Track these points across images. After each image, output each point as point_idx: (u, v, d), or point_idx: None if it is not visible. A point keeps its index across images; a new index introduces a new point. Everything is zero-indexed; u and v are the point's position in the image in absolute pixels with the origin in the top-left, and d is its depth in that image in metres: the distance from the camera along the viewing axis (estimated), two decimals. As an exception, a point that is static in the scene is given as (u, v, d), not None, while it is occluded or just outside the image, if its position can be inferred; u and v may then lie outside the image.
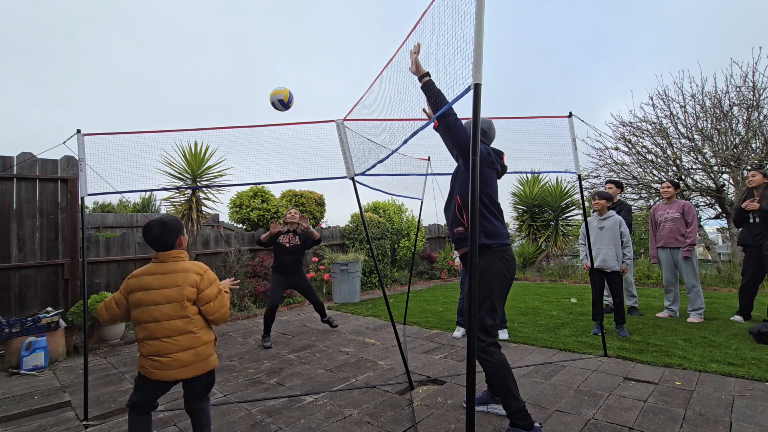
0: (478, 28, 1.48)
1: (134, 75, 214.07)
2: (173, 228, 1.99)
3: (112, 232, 8.38)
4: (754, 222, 4.39)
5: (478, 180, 1.46)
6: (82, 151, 3.12)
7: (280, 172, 3.50)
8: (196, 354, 1.90)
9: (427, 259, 9.90)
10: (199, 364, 1.92)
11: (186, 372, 1.89)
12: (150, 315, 1.88)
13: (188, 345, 1.89)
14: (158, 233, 1.96)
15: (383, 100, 2.77)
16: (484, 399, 2.66)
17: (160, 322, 1.87)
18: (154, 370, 1.87)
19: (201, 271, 1.97)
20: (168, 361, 1.86)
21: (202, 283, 1.94)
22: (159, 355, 1.86)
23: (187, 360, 1.88)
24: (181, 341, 1.87)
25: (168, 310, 1.87)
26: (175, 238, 2.00)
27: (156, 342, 1.87)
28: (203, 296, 1.94)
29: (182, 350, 1.88)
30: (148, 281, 1.92)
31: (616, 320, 4.24)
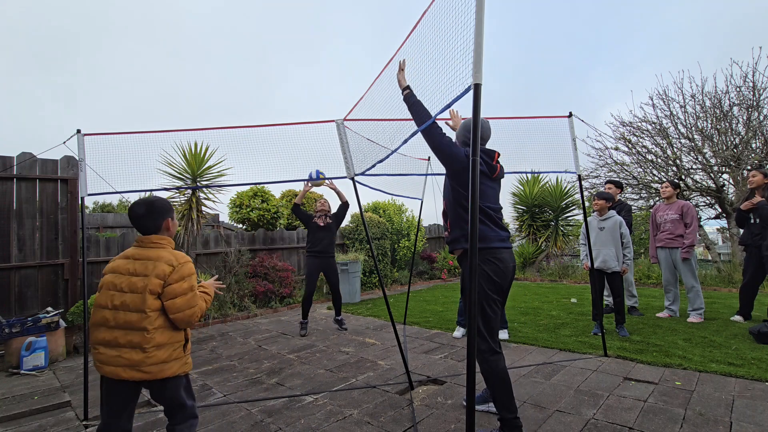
0: (478, 28, 1.48)
1: (141, 76, 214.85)
2: (159, 209, 1.82)
3: (112, 232, 8.38)
4: (755, 222, 4.39)
5: (478, 180, 1.46)
6: (82, 151, 3.13)
7: (280, 172, 3.50)
8: (144, 356, 1.66)
9: (427, 259, 9.90)
10: (148, 368, 1.66)
11: (132, 373, 1.65)
12: (109, 299, 1.70)
13: (138, 343, 1.65)
14: (142, 212, 1.79)
15: (383, 99, 2.77)
16: (484, 397, 2.65)
17: (117, 310, 1.68)
18: (100, 364, 1.69)
19: (175, 263, 1.75)
20: (113, 356, 1.66)
21: (171, 275, 1.72)
22: (106, 346, 1.67)
23: (132, 359, 1.65)
24: (131, 337, 1.66)
25: (127, 300, 1.68)
26: (159, 221, 1.82)
27: (106, 331, 1.68)
28: (168, 290, 1.71)
29: (130, 347, 1.66)
30: (119, 264, 1.76)
31: (616, 320, 4.24)
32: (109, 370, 1.67)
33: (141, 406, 3.01)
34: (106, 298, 1.71)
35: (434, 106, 2.08)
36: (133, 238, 5.73)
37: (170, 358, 1.72)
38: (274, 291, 6.66)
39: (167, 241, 1.84)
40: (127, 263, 1.75)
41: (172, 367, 1.73)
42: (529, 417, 2.52)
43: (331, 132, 3.32)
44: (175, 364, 1.75)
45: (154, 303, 1.70)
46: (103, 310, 1.71)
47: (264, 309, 6.43)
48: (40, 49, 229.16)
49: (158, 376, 1.69)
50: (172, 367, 1.73)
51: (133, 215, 1.81)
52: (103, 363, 1.68)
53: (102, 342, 1.69)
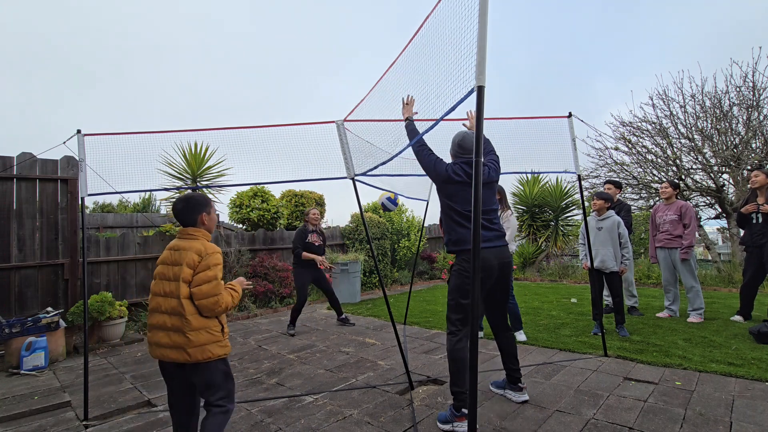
0: (481, 30, 1.48)
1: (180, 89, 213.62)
2: (194, 204, 2.01)
3: (112, 232, 8.37)
4: (756, 222, 4.39)
5: (481, 179, 1.45)
6: (82, 151, 3.12)
7: (280, 172, 3.50)
8: (186, 339, 1.81)
9: (427, 259, 9.90)
10: (190, 350, 1.81)
11: (176, 354, 1.82)
12: (160, 287, 1.91)
13: (179, 327, 1.82)
14: (180, 207, 2.01)
15: (385, 102, 2.77)
16: (501, 384, 2.88)
17: (166, 296, 1.88)
18: (154, 346, 1.88)
19: (203, 252, 1.90)
20: (162, 337, 1.84)
21: (200, 264, 1.88)
22: (158, 329, 1.86)
23: (177, 342, 1.82)
24: (174, 321, 1.84)
25: (172, 287, 1.86)
26: (195, 214, 2.00)
27: (159, 315, 1.88)
28: (196, 278, 1.86)
29: (174, 330, 1.83)
30: (165, 255, 1.97)
31: (616, 320, 4.24)
32: (159, 353, 1.86)
33: (141, 406, 3.01)
34: (158, 286, 1.91)
35: (438, 109, 2.07)
36: (133, 239, 5.74)
37: (209, 341, 1.87)
38: (274, 291, 6.66)
39: (202, 233, 2.00)
40: (170, 254, 1.95)
41: (213, 349, 1.87)
42: (529, 417, 2.52)
43: (332, 132, 3.32)
44: (214, 347, 1.88)
45: (186, 290, 1.86)
46: (156, 297, 1.91)
47: (264, 309, 6.43)
48: (40, 48, 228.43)
49: (199, 357, 1.83)
50: (212, 349, 1.87)
51: (174, 210, 2.03)
52: (155, 345, 1.87)
53: (155, 325, 1.88)
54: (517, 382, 2.76)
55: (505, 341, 2.76)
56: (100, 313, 4.59)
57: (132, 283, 5.67)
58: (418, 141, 2.54)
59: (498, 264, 2.52)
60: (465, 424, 2.37)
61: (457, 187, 2.53)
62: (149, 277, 5.85)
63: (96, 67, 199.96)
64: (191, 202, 2.01)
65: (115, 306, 4.76)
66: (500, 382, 2.91)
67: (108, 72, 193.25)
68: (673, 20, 48.46)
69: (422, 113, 2.56)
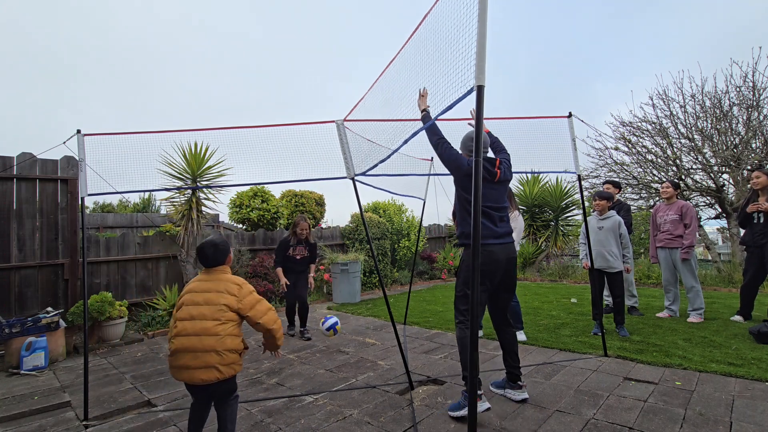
0: (481, 30, 1.48)
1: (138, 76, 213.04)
2: (223, 248, 2.23)
3: (112, 233, 8.37)
4: (758, 222, 4.39)
5: (480, 178, 1.46)
6: (82, 151, 3.12)
7: (280, 172, 3.49)
8: (219, 358, 1.95)
9: (427, 259, 9.90)
10: (223, 368, 1.97)
11: (209, 374, 1.93)
12: (187, 312, 2.00)
13: (212, 346, 1.94)
14: (211, 253, 2.18)
15: (384, 100, 2.77)
16: (501, 384, 2.88)
17: (194, 320, 1.98)
18: (179, 369, 1.95)
19: (239, 281, 2.15)
20: (190, 359, 1.92)
21: (241, 291, 2.10)
22: (185, 352, 1.93)
23: (209, 361, 1.93)
24: (207, 342, 1.94)
25: (204, 311, 2.00)
26: (225, 257, 2.23)
27: (184, 339, 1.95)
28: (246, 303, 2.08)
29: (205, 351, 1.93)
30: (193, 286, 2.12)
31: (616, 320, 4.24)
32: (187, 375, 1.94)
33: (141, 406, 3.01)
34: (184, 312, 2.02)
35: (438, 108, 2.07)
36: (133, 239, 5.74)
37: (235, 361, 2.05)
38: (274, 291, 6.66)
39: (228, 270, 2.26)
40: (201, 284, 2.12)
41: (235, 368, 2.06)
42: (529, 417, 2.52)
43: (332, 132, 3.32)
44: (237, 366, 2.08)
45: (228, 315, 2.03)
46: (183, 322, 2.00)
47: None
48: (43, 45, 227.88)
49: (226, 375, 1.99)
50: (235, 368, 2.06)
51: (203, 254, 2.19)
52: (183, 368, 1.95)
53: (181, 349, 1.95)
54: (516, 381, 2.78)
55: (507, 337, 2.81)
56: (100, 313, 4.59)
57: (132, 283, 5.67)
58: (436, 135, 2.58)
59: (505, 259, 2.62)
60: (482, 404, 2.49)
61: None
62: (149, 277, 5.85)
63: (96, 66, 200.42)
64: (220, 247, 2.21)
65: (115, 306, 4.76)
66: (500, 381, 2.92)
67: (108, 72, 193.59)
68: (673, 23, 48.51)
69: (422, 113, 2.55)
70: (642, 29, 48.10)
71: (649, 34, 33.74)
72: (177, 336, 1.98)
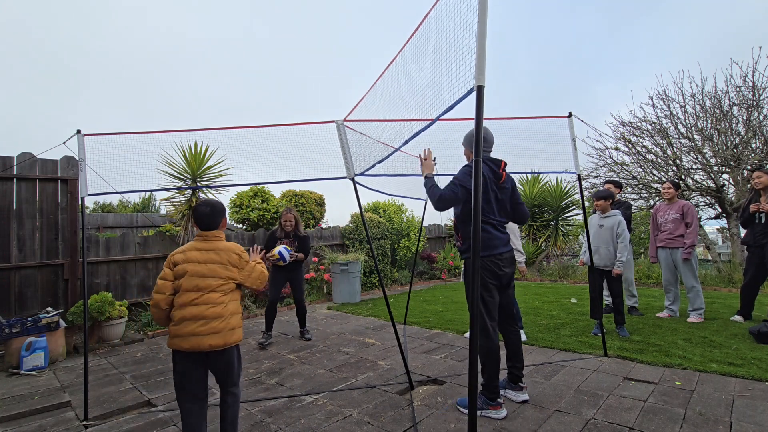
0: (481, 30, 1.48)
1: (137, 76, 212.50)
2: (220, 209, 2.27)
3: (112, 233, 8.37)
4: (759, 222, 4.38)
5: (480, 178, 1.46)
6: (82, 151, 3.12)
7: (280, 172, 3.50)
8: (225, 323, 2.07)
9: (427, 259, 9.90)
10: (226, 333, 2.06)
11: (215, 339, 2.02)
12: (194, 284, 2.08)
13: (219, 314, 2.06)
14: (208, 212, 2.21)
15: (385, 101, 2.77)
16: (501, 384, 2.81)
17: (202, 291, 2.07)
18: (186, 336, 2.01)
19: (238, 251, 2.22)
20: (198, 326, 2.01)
21: (241, 262, 2.20)
22: (193, 320, 2.02)
23: (216, 327, 2.04)
24: (213, 309, 2.06)
25: (211, 282, 2.09)
26: (220, 218, 2.26)
27: (193, 308, 2.04)
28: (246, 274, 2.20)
29: (214, 318, 2.05)
30: (194, 255, 2.14)
31: (615, 320, 4.24)
32: (195, 342, 2.01)
33: (141, 406, 3.01)
34: (190, 282, 2.08)
35: (437, 108, 2.07)
36: (133, 239, 5.73)
37: (238, 324, 2.15)
38: (274, 291, 6.65)
39: (222, 235, 2.29)
40: (201, 254, 2.16)
41: (238, 332, 2.15)
42: (529, 417, 2.52)
43: (332, 132, 3.32)
44: (239, 331, 2.16)
45: (228, 284, 2.15)
46: (188, 293, 2.07)
47: (264, 309, 6.42)
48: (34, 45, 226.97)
49: (231, 340, 2.08)
50: (238, 332, 2.15)
51: (199, 213, 2.22)
52: (189, 335, 2.01)
53: (188, 317, 2.03)
54: (517, 381, 2.78)
55: (512, 337, 2.80)
56: (100, 313, 4.59)
57: (132, 283, 5.67)
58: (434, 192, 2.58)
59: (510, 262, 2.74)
60: (500, 412, 2.54)
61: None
62: (149, 276, 5.85)
63: (96, 66, 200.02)
64: (217, 208, 2.25)
65: (115, 306, 4.76)
66: (501, 382, 2.88)
67: (108, 71, 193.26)
68: (673, 29, 48.49)
69: (422, 113, 2.55)
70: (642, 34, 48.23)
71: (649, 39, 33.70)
72: (185, 306, 2.05)
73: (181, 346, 2.04)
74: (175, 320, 2.06)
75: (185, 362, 2.08)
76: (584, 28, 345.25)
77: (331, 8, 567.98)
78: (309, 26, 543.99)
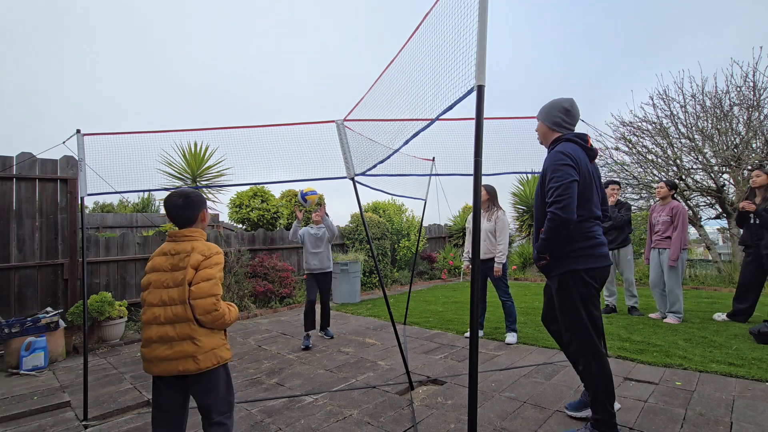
0: (481, 30, 1.47)
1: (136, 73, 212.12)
2: (195, 200, 1.86)
3: (112, 232, 8.37)
4: (755, 222, 4.38)
5: (480, 180, 1.45)
6: (82, 151, 3.12)
7: (280, 172, 3.50)
8: (195, 347, 1.70)
9: (427, 259, 9.89)
10: (200, 357, 1.70)
11: (183, 365, 1.68)
12: (158, 297, 1.74)
13: (187, 334, 1.70)
14: (180, 204, 1.83)
15: (384, 100, 2.77)
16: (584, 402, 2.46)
17: (166, 305, 1.72)
18: (155, 361, 1.70)
19: (207, 253, 1.79)
20: (164, 350, 1.69)
21: (201, 264, 1.76)
22: (158, 342, 1.70)
23: (185, 350, 1.69)
24: (180, 329, 1.70)
25: (174, 294, 1.72)
26: (197, 212, 1.87)
27: (157, 327, 1.71)
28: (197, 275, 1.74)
29: (180, 339, 1.69)
30: (158, 261, 1.80)
31: None
32: (162, 368, 1.69)
33: (141, 406, 3.00)
34: (154, 295, 1.75)
35: (438, 107, 2.06)
36: (132, 239, 5.72)
37: (218, 344, 1.78)
38: (273, 291, 6.66)
39: (199, 233, 1.86)
40: (165, 260, 1.79)
41: (221, 352, 1.78)
42: (530, 417, 2.52)
43: (332, 132, 3.32)
44: (222, 350, 1.80)
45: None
46: (153, 308, 1.74)
47: (264, 309, 6.43)
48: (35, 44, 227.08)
49: (208, 364, 1.72)
50: (220, 353, 1.78)
51: (171, 206, 1.82)
52: (155, 360, 1.70)
53: (153, 339, 1.71)
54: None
55: None
56: (99, 313, 4.58)
57: (132, 283, 5.66)
58: (556, 227, 2.05)
59: None
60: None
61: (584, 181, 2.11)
62: (149, 277, 5.83)
63: (96, 66, 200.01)
64: (192, 198, 1.84)
65: (114, 306, 4.76)
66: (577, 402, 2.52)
67: (108, 71, 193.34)
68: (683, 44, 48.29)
69: (421, 112, 2.55)
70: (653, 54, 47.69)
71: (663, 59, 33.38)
72: (148, 324, 1.72)
73: (151, 371, 1.73)
74: (143, 341, 1.74)
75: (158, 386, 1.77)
76: (584, 28, 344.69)
77: (332, 8, 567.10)
78: (308, 26, 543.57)
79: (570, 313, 2.16)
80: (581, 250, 2.13)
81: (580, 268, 2.11)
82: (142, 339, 1.75)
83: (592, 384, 2.13)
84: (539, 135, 2.41)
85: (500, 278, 4.08)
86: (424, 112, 2.58)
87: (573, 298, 2.13)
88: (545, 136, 2.35)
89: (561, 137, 2.23)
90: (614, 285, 5.32)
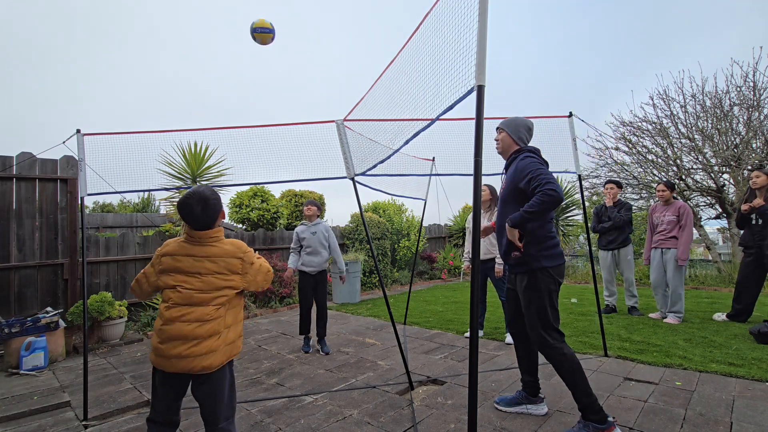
0: (481, 30, 1.47)
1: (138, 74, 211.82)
2: (213, 204, 1.80)
3: (112, 232, 8.37)
4: (756, 223, 4.38)
5: (480, 180, 1.45)
6: (82, 151, 3.12)
7: (280, 172, 3.50)
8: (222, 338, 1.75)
9: (427, 259, 9.89)
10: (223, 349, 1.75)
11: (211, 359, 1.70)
12: (187, 297, 1.74)
13: (216, 330, 1.74)
14: (199, 211, 1.76)
15: (385, 100, 2.77)
16: (517, 399, 2.61)
17: (193, 305, 1.73)
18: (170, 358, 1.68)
19: (240, 254, 1.84)
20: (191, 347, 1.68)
21: (244, 266, 1.84)
22: (180, 339, 1.69)
23: (211, 346, 1.71)
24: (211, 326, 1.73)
25: (205, 297, 1.75)
26: (216, 215, 1.82)
27: (182, 325, 1.70)
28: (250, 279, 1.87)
29: (208, 336, 1.71)
30: (185, 264, 1.77)
31: None
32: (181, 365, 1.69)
33: (141, 406, 3.00)
34: (182, 297, 1.75)
35: (438, 107, 2.06)
36: (133, 238, 5.72)
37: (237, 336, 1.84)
38: (273, 291, 6.66)
39: (221, 233, 1.88)
40: (193, 263, 1.78)
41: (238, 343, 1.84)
42: (529, 417, 2.52)
43: (332, 132, 3.32)
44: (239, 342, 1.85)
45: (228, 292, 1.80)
46: (179, 307, 1.73)
47: (264, 309, 6.43)
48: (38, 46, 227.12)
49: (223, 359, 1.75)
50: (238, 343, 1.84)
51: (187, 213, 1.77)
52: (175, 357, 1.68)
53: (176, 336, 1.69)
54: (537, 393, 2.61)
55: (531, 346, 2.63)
56: (99, 313, 4.58)
57: (131, 283, 5.66)
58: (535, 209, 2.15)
59: None
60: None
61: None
62: (149, 277, 5.83)
63: (95, 65, 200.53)
64: (210, 203, 1.79)
65: (114, 306, 4.76)
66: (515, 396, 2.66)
67: (108, 71, 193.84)
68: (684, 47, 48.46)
69: (421, 112, 2.55)
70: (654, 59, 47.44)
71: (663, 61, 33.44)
72: (170, 321, 1.71)
73: (165, 368, 1.71)
74: (161, 338, 1.72)
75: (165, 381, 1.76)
76: (583, 29, 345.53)
77: (331, 8, 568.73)
78: (306, 27, 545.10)
79: (537, 308, 2.34)
80: (548, 249, 2.36)
81: (549, 265, 2.34)
82: (160, 336, 1.73)
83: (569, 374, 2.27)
84: (501, 144, 2.59)
85: (501, 278, 4.08)
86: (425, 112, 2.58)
87: (542, 293, 2.33)
88: (508, 147, 2.56)
89: (521, 150, 2.48)
90: (614, 285, 5.32)
